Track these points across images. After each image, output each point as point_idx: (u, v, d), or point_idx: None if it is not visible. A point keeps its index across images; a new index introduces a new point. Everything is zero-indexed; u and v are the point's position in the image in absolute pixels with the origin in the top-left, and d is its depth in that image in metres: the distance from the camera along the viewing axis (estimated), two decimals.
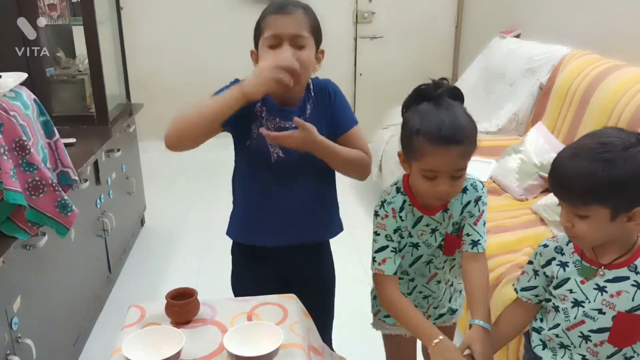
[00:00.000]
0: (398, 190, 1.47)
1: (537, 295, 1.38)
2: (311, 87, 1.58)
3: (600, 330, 1.25)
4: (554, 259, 1.33)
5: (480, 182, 1.51)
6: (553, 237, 1.37)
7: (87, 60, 2.96)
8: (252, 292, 1.54)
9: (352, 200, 3.91)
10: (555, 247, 1.33)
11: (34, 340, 1.83)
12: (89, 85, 3.03)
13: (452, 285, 1.63)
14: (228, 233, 1.69)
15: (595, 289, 1.25)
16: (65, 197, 1.83)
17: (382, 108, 4.35)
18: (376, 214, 1.47)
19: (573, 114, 2.89)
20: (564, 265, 1.31)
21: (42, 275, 2.03)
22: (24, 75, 1.92)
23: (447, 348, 1.32)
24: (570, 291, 1.28)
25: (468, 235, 1.45)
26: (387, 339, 1.71)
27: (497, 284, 2.05)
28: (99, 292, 2.73)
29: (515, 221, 2.45)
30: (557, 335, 1.32)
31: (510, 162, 2.85)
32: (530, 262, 1.39)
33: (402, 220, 1.45)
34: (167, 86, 4.89)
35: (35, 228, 1.81)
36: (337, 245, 1.84)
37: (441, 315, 1.65)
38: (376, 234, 1.47)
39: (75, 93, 3.11)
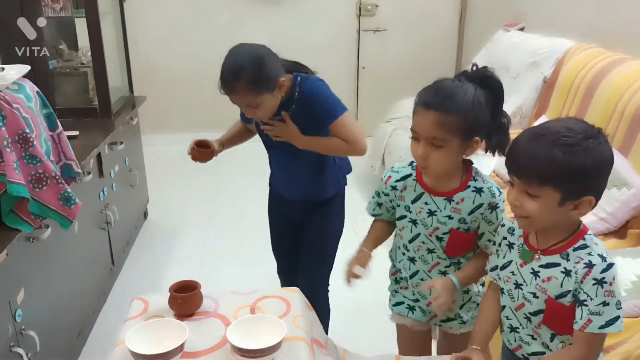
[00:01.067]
0: (411, 163, 1.55)
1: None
2: (296, 93, 1.80)
3: (537, 313, 1.29)
4: (505, 238, 1.37)
5: (499, 189, 1.49)
6: (513, 218, 1.36)
7: (89, 53, 2.95)
8: (273, 231, 2.19)
9: (353, 194, 3.90)
10: (509, 228, 1.38)
11: (38, 332, 1.83)
12: (91, 77, 3.03)
13: (467, 292, 1.61)
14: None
15: (530, 272, 1.29)
16: (69, 190, 1.83)
17: (385, 101, 4.34)
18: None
19: (577, 108, 2.88)
20: (510, 246, 1.35)
21: (46, 268, 2.03)
22: (26, 68, 1.91)
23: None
24: (512, 273, 1.32)
25: (489, 240, 1.49)
26: (399, 329, 1.72)
27: None
28: (102, 284, 2.73)
29: None
30: (507, 317, 1.36)
31: None
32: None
33: (394, 190, 1.56)
34: (169, 79, 4.88)
35: (39, 220, 1.81)
36: (347, 241, 1.86)
37: (449, 319, 1.63)
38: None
39: (78, 85, 3.10)
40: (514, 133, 3.43)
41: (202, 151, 1.96)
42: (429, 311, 1.62)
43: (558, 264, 1.24)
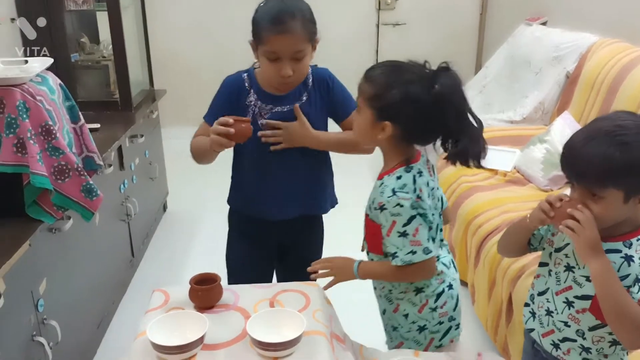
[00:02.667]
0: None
1: (534, 237, 1.42)
2: (310, 76, 1.67)
3: (584, 297, 1.28)
4: None
5: (396, 192, 1.40)
6: None
7: (111, 46, 2.98)
8: (245, 260, 1.81)
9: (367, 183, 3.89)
10: None
11: (59, 322, 1.86)
12: (113, 71, 3.05)
13: (380, 297, 1.60)
14: (229, 200, 1.83)
15: None
16: (91, 182, 1.84)
17: None
18: None
19: (601, 104, 2.83)
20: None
21: (67, 258, 2.06)
22: (49, 60, 1.93)
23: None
24: (566, 255, 1.32)
25: (385, 246, 1.47)
26: None
27: (521, 274, 2.03)
28: (122, 275, 2.76)
29: None
30: (547, 300, 1.36)
31: (535, 152, 2.81)
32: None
33: None
34: (190, 72, 4.89)
35: (61, 212, 1.83)
36: (357, 232, 1.84)
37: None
38: None
39: (99, 79, 3.13)
40: (536, 129, 3.40)
41: (244, 123, 1.52)
42: None
43: (619, 251, 1.24)
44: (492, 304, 2.25)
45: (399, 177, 1.42)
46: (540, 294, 1.39)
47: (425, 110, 1.35)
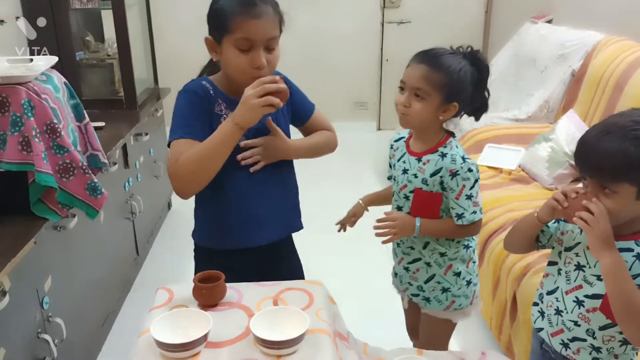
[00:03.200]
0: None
1: (543, 234, 1.42)
2: None
3: (594, 296, 1.28)
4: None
5: (465, 159, 1.56)
6: None
7: (115, 45, 2.98)
8: None
9: (374, 187, 3.89)
10: None
11: (65, 320, 1.87)
12: (117, 69, 3.06)
13: (429, 265, 1.68)
14: (199, 239, 1.64)
15: None
16: (95, 180, 1.85)
17: None
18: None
19: (606, 102, 2.82)
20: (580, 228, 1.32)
21: (72, 256, 2.07)
22: (54, 59, 1.93)
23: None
24: (577, 255, 1.32)
25: (452, 208, 1.59)
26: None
27: (525, 273, 2.03)
28: (127, 273, 2.77)
29: None
30: (556, 299, 1.36)
31: (540, 150, 2.80)
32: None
33: (391, 149, 1.72)
34: (194, 71, 4.87)
35: (66, 210, 1.84)
36: (360, 232, 1.84)
37: (414, 295, 1.75)
38: None
39: (104, 77, 3.14)
40: (541, 127, 3.39)
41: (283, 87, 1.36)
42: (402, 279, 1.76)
43: (631, 249, 1.24)
44: (497, 303, 2.24)
45: (457, 147, 1.59)
46: (550, 293, 1.39)
47: (478, 86, 1.55)
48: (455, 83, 1.51)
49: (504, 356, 1.53)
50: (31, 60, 1.91)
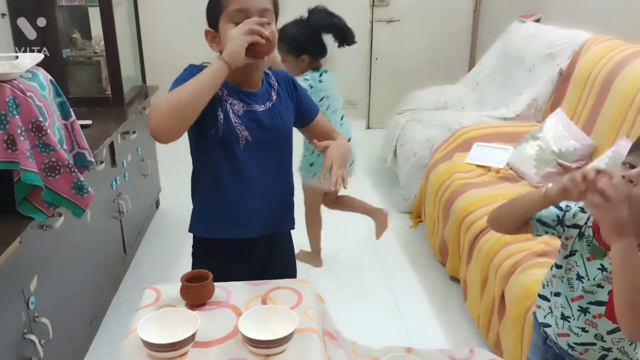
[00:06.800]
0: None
1: (542, 222, 1.36)
2: (271, 75, 1.57)
3: (598, 303, 1.27)
4: (580, 227, 1.33)
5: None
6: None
7: (103, 42, 2.96)
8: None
9: (365, 187, 3.90)
10: (589, 217, 1.33)
11: (51, 320, 1.85)
12: (104, 67, 3.04)
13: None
14: (195, 230, 1.62)
15: (599, 268, 1.27)
16: (82, 179, 1.83)
17: (398, 93, 4.31)
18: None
19: (593, 101, 2.84)
20: (581, 236, 1.31)
21: (59, 256, 2.05)
22: (40, 56, 1.91)
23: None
24: (576, 264, 1.31)
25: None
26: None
27: (513, 271, 2.04)
28: (115, 273, 2.75)
29: None
30: (562, 306, 1.35)
31: (527, 148, 2.82)
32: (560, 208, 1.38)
33: None
34: (182, 69, 4.87)
35: (52, 209, 1.82)
36: (351, 232, 1.83)
37: None
38: None
39: (91, 75, 3.11)
40: (529, 126, 3.41)
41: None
42: None
43: None
44: (485, 300, 2.25)
45: None
46: (556, 294, 1.38)
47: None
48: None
49: (491, 353, 1.54)
50: (16, 57, 1.88)
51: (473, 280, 2.38)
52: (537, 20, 3.99)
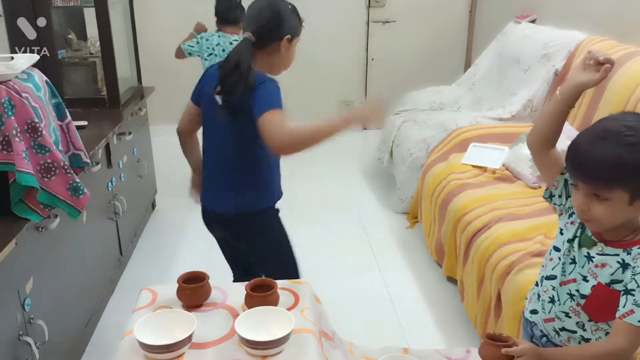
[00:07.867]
0: None
1: (565, 180, 1.35)
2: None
3: (582, 296, 1.29)
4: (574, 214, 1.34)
5: None
6: None
7: (98, 43, 2.95)
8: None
9: (362, 187, 3.90)
10: None
11: (47, 322, 1.84)
12: (100, 67, 3.03)
13: None
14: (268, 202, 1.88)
15: (585, 256, 1.29)
16: (77, 180, 1.83)
17: (394, 93, 4.30)
18: None
19: (589, 101, 2.85)
20: (576, 224, 1.33)
21: (55, 257, 2.04)
22: (35, 57, 1.91)
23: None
24: (573, 249, 1.32)
25: None
26: None
27: (509, 272, 2.04)
28: (111, 274, 2.74)
29: (527, 209, 2.42)
30: (552, 288, 1.36)
31: (523, 149, 2.82)
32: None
33: None
34: (178, 70, 4.85)
35: (48, 210, 1.81)
36: (347, 232, 1.83)
37: None
38: None
39: (86, 75, 3.11)
40: (525, 126, 3.41)
41: None
42: None
43: (616, 255, 1.25)
44: (481, 300, 2.25)
45: None
46: (548, 278, 1.38)
47: None
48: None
49: None
50: (11, 58, 1.88)
51: (469, 280, 2.38)
52: (533, 21, 4.00)
